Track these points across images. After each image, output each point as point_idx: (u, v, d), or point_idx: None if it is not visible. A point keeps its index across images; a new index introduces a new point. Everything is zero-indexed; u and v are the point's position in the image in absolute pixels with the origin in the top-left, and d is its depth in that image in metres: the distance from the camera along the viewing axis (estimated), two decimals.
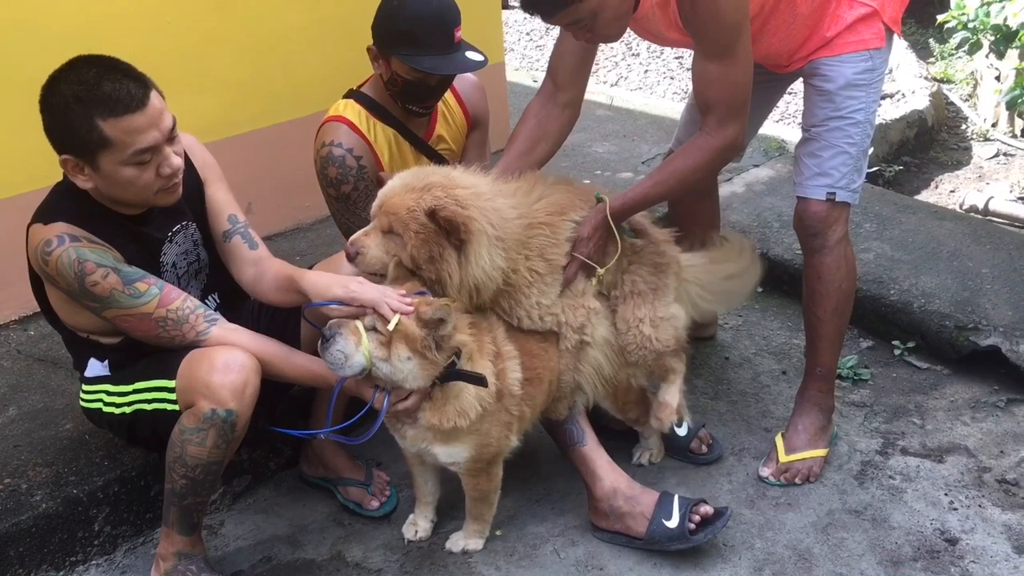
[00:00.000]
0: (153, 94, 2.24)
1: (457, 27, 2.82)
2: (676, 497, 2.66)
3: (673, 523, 2.60)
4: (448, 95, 3.12)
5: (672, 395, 2.84)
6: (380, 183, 2.71)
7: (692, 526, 2.59)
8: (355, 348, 2.29)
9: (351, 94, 3.01)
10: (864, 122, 2.80)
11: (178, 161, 2.32)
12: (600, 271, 2.65)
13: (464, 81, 3.15)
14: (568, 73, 2.84)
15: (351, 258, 2.46)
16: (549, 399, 2.68)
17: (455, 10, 2.83)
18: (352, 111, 2.93)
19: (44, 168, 2.69)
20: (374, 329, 2.31)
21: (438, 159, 3.03)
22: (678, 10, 2.57)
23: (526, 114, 2.88)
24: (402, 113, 2.98)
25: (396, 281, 2.43)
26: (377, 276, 2.48)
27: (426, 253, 2.40)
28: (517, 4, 8.64)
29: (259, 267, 2.58)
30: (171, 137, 2.29)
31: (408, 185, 2.45)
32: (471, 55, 2.84)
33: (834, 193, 2.81)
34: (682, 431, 3.02)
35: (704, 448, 3.04)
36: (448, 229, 2.37)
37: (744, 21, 2.52)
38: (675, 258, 2.85)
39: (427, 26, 2.76)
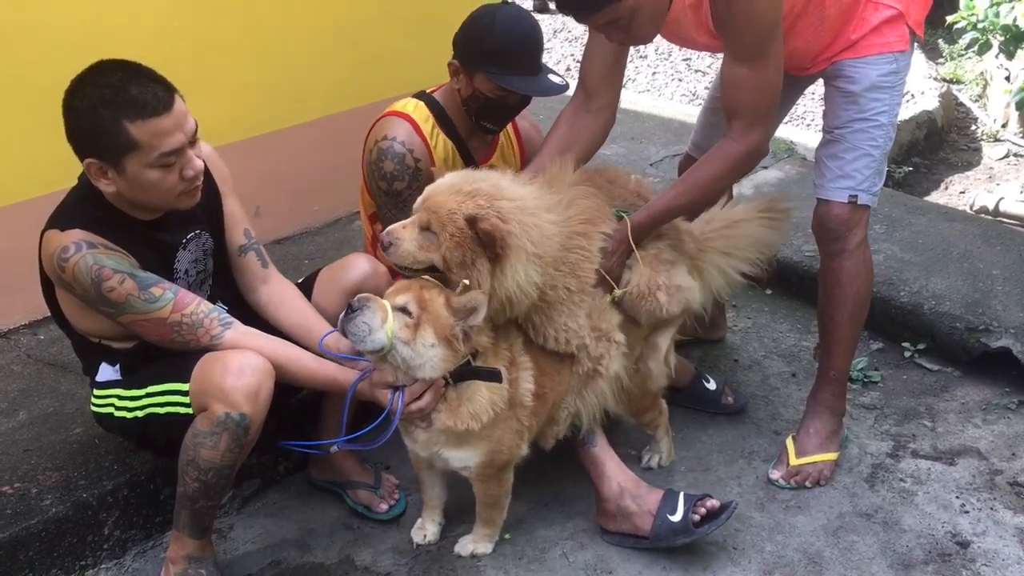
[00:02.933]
0: (177, 97, 2.26)
1: (542, 51, 2.87)
2: (682, 493, 2.65)
3: (677, 517, 2.59)
4: (510, 130, 3.15)
5: (664, 339, 2.84)
6: (429, 178, 2.69)
7: (696, 518, 2.58)
8: (380, 324, 2.28)
9: (422, 96, 3.00)
10: (887, 124, 2.78)
11: (200, 164, 2.34)
12: (616, 292, 2.63)
13: (526, 121, 3.19)
14: (598, 78, 2.82)
15: (385, 247, 2.43)
16: (546, 420, 2.66)
17: (541, 34, 2.88)
18: (420, 113, 2.92)
19: (51, 174, 2.71)
20: (403, 310, 2.31)
21: None
22: (711, 11, 2.54)
23: (558, 120, 2.86)
24: (467, 131, 2.98)
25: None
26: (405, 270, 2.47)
27: (459, 257, 2.38)
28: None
29: (271, 290, 2.64)
30: (193, 140, 2.31)
31: (455, 186, 2.43)
32: (554, 78, 2.87)
33: (856, 196, 2.79)
34: (711, 385, 3.25)
35: (730, 399, 3.25)
36: (485, 241, 2.36)
37: (778, 23, 2.49)
38: (691, 240, 2.83)
39: (517, 47, 2.78)
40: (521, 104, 2.93)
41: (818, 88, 3.18)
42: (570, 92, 2.95)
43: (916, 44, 2.85)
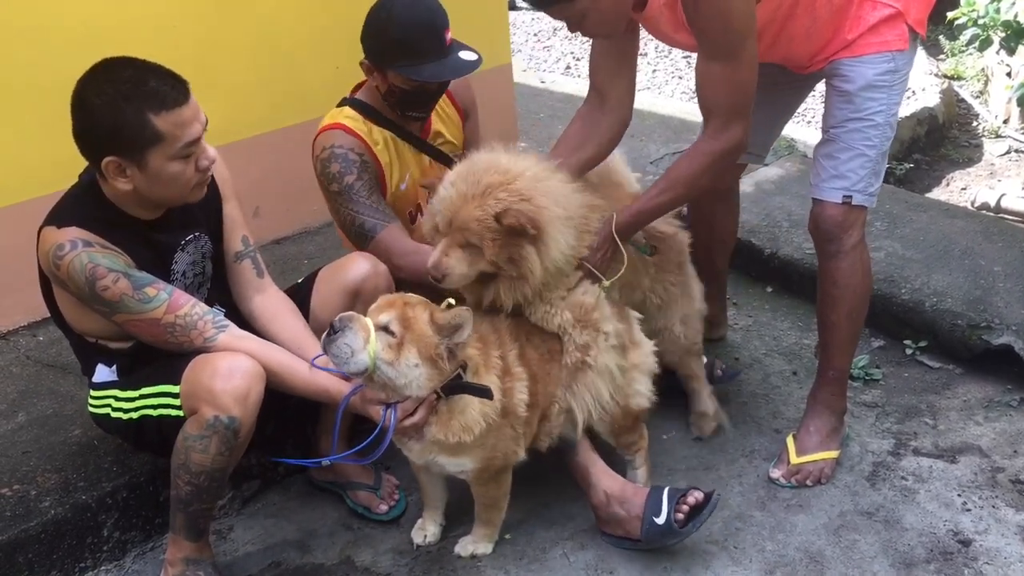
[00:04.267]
0: (189, 88, 2.27)
1: (447, 29, 2.81)
2: (666, 490, 2.61)
3: (662, 519, 2.57)
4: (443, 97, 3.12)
5: (706, 403, 3.11)
6: (431, 189, 2.70)
7: (680, 517, 2.55)
8: (362, 345, 2.26)
9: (344, 102, 2.99)
10: (884, 124, 2.75)
11: (213, 152, 2.36)
12: (604, 283, 2.64)
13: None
14: (606, 75, 2.79)
15: (437, 281, 2.47)
16: (539, 417, 2.65)
17: (443, 13, 2.81)
18: (347, 117, 2.92)
19: (51, 174, 2.71)
20: (385, 330, 2.30)
21: (439, 155, 3.03)
22: (683, 9, 2.54)
23: (573, 119, 2.85)
24: (399, 116, 2.96)
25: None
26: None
27: (505, 255, 2.43)
28: (524, 5, 8.63)
29: (265, 302, 2.63)
30: (205, 130, 2.33)
31: (464, 194, 2.43)
32: (465, 55, 2.82)
33: (851, 196, 2.76)
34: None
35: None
36: (519, 230, 2.38)
37: (750, 22, 2.48)
38: (685, 244, 2.94)
39: (419, 34, 2.73)
40: (442, 88, 2.90)
41: (820, 85, 3.17)
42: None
43: (919, 42, 2.83)
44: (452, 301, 2.40)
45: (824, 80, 2.85)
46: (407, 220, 3.02)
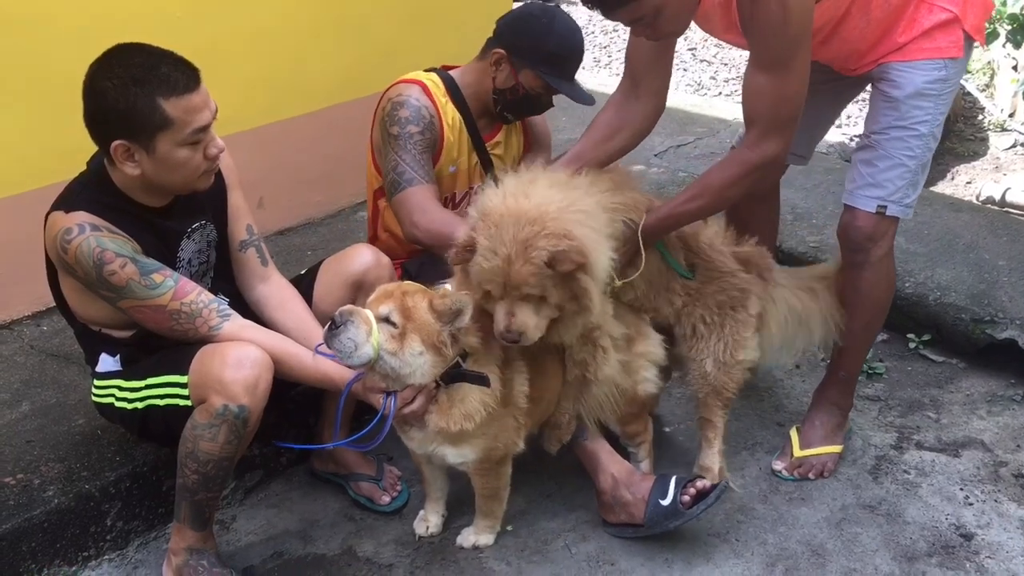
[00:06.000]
0: (200, 75, 2.28)
1: None
2: (673, 477, 2.63)
3: (667, 501, 2.58)
4: None
5: (712, 458, 2.84)
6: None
7: (686, 499, 2.56)
8: (365, 338, 2.26)
9: (434, 70, 3.05)
10: (927, 135, 2.65)
11: (222, 142, 2.36)
12: (616, 282, 2.57)
13: None
14: (644, 64, 2.72)
15: (514, 342, 2.38)
16: (545, 416, 2.66)
17: None
18: (432, 81, 2.97)
19: (54, 164, 2.71)
20: (387, 320, 2.30)
21: (487, 163, 3.07)
22: (738, 13, 2.47)
23: (605, 106, 2.81)
24: (478, 110, 3.03)
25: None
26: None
27: (568, 293, 2.36)
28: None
29: (270, 290, 2.64)
30: (215, 118, 2.33)
31: (509, 256, 2.31)
32: (583, 88, 3.01)
33: (885, 206, 2.68)
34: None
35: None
36: (575, 268, 2.33)
37: (805, 34, 2.39)
38: (750, 289, 2.79)
39: (572, 54, 2.96)
40: (548, 105, 3.05)
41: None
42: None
43: (973, 49, 2.70)
44: (449, 287, 2.39)
45: (871, 84, 2.75)
46: (442, 200, 3.02)
